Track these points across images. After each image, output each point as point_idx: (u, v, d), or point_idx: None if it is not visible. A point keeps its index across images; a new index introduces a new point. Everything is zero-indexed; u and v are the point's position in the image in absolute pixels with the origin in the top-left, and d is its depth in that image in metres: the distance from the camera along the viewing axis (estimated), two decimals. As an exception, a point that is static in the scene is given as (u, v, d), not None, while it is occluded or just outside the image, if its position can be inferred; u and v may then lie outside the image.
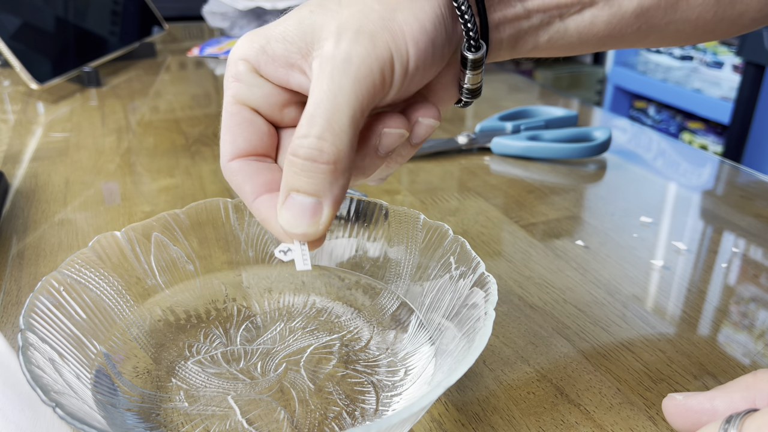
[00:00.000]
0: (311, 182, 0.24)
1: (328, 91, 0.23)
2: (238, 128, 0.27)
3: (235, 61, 0.26)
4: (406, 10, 0.24)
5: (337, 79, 0.23)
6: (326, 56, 0.24)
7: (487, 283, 0.28)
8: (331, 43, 0.24)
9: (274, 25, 0.26)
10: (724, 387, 0.22)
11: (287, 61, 0.25)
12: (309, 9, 0.25)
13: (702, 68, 1.86)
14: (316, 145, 0.23)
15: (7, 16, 0.74)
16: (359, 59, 0.23)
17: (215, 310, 0.34)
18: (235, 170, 0.27)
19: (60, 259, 0.40)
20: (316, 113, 0.23)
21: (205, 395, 0.28)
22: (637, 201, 0.50)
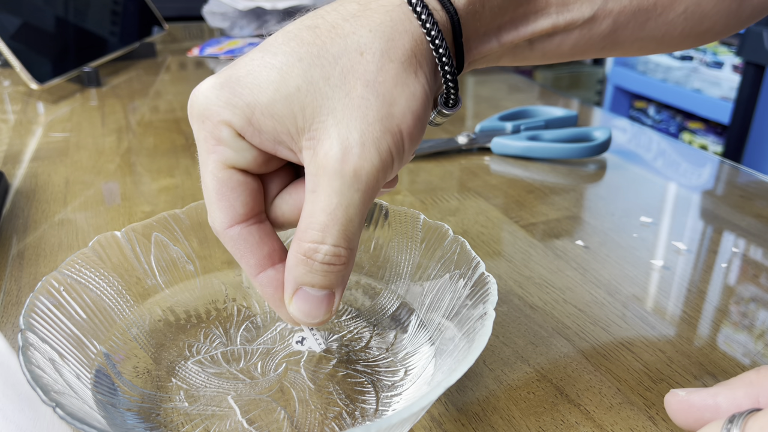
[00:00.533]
0: (327, 280, 0.25)
1: (339, 206, 0.24)
2: (233, 194, 0.25)
3: (216, 124, 0.25)
4: (401, 101, 0.24)
5: (348, 196, 0.24)
6: (331, 170, 0.23)
7: (487, 283, 0.28)
8: (334, 156, 0.23)
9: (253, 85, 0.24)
10: (727, 383, 0.22)
11: (275, 138, 0.25)
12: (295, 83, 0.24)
13: (702, 68, 1.86)
14: (334, 252, 0.24)
15: (7, 16, 0.74)
16: (367, 176, 0.24)
17: (215, 310, 0.34)
18: (236, 238, 0.26)
19: (60, 259, 0.40)
20: (329, 224, 0.24)
21: (205, 395, 0.28)
22: (637, 201, 0.50)
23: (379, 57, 0.24)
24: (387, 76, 0.24)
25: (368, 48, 0.24)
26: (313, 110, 0.24)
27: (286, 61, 0.24)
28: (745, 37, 1.31)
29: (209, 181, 0.26)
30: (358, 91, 0.24)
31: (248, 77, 0.24)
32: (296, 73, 0.24)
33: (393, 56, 0.24)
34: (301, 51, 0.24)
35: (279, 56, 0.24)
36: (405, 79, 0.24)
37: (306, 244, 0.24)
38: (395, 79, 0.24)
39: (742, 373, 0.22)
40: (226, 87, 0.24)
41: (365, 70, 0.24)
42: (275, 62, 0.24)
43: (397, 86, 0.24)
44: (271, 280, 0.27)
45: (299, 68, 0.24)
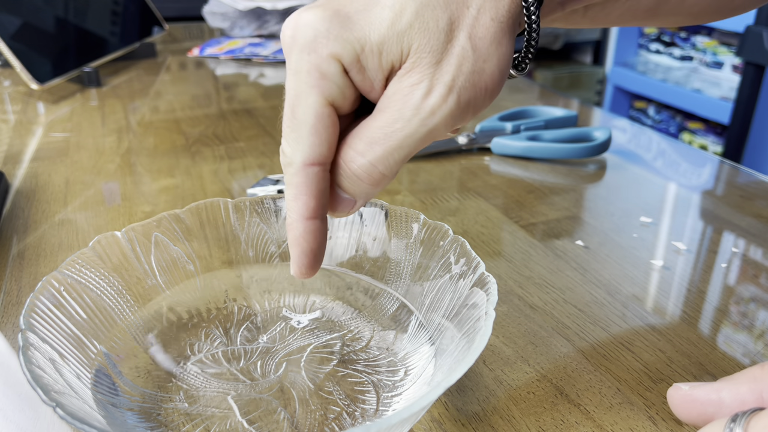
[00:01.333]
0: (352, 189, 0.26)
1: (399, 130, 0.24)
2: (326, 132, 0.25)
3: (325, 57, 0.24)
4: (493, 60, 0.25)
5: (412, 126, 0.24)
6: (412, 99, 0.24)
7: (487, 283, 0.28)
8: (421, 89, 0.24)
9: (365, 22, 0.24)
10: (731, 378, 0.22)
11: (375, 76, 0.25)
12: (408, 21, 0.24)
13: (702, 68, 1.86)
14: (368, 169, 0.25)
15: (8, 17, 0.74)
16: (440, 117, 0.24)
17: (215, 310, 0.34)
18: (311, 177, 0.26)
19: (60, 259, 0.40)
20: (379, 141, 0.25)
21: (206, 395, 0.28)
22: (637, 201, 0.50)
23: (483, 13, 0.25)
24: (487, 33, 0.25)
25: (474, 2, 0.25)
26: (418, 46, 0.24)
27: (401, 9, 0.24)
28: (745, 37, 1.31)
29: (306, 114, 0.25)
30: (460, 41, 0.24)
31: (358, 14, 0.24)
32: (409, 11, 0.24)
33: (494, 14, 0.25)
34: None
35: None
36: (501, 38, 0.25)
37: (349, 150, 0.25)
38: (493, 37, 0.25)
39: (746, 369, 0.22)
40: (335, 20, 0.24)
41: (470, 23, 0.24)
42: (387, 1, 0.24)
43: (493, 44, 0.25)
44: (318, 230, 0.27)
45: (412, 6, 0.24)
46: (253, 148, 0.60)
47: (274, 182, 0.50)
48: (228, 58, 0.96)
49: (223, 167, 0.55)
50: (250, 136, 0.63)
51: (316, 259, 0.28)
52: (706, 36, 1.84)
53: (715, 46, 1.81)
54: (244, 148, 0.60)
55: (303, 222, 0.27)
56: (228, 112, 0.71)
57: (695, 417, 0.22)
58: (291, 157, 0.26)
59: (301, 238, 0.27)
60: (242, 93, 0.79)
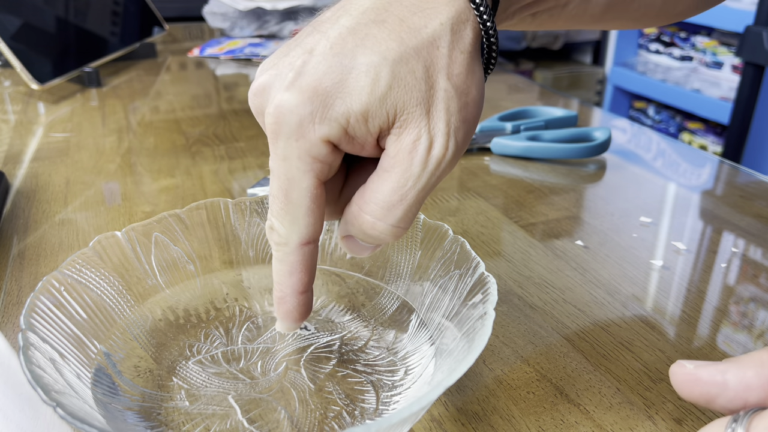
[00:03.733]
0: (375, 242, 0.27)
1: (412, 189, 0.25)
2: (319, 210, 0.26)
3: (314, 142, 0.24)
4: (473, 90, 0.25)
5: (423, 181, 0.25)
6: (416, 156, 0.25)
7: (487, 283, 0.28)
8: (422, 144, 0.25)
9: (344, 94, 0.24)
10: (737, 360, 0.21)
11: (365, 139, 0.25)
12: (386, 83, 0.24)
13: (701, 69, 1.86)
14: (390, 231, 0.26)
15: (8, 17, 0.74)
16: (446, 164, 0.25)
17: (215, 310, 0.34)
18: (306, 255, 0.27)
19: (60, 259, 0.40)
20: (396, 204, 0.25)
21: (206, 394, 0.28)
22: (636, 201, 0.50)
23: (452, 49, 0.25)
24: (461, 68, 0.25)
25: (441, 41, 0.25)
26: (404, 103, 0.24)
27: (370, 62, 0.24)
28: (744, 37, 1.31)
29: (302, 197, 0.26)
30: (441, 84, 0.25)
31: (335, 87, 0.24)
32: (385, 73, 0.24)
33: (462, 47, 0.25)
34: (382, 49, 0.24)
35: (360, 58, 0.24)
36: (473, 66, 0.26)
37: (367, 216, 0.26)
38: (467, 69, 0.25)
39: (752, 352, 0.21)
40: (316, 101, 0.24)
41: (444, 64, 0.25)
42: (359, 66, 0.24)
43: (469, 76, 0.25)
44: (309, 301, 0.29)
45: (386, 67, 0.24)
46: (253, 148, 0.60)
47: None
48: (228, 58, 0.96)
49: (224, 167, 0.55)
50: (251, 136, 0.63)
51: (303, 320, 0.29)
52: (706, 36, 1.84)
53: (715, 46, 1.81)
54: (244, 148, 0.60)
55: (296, 297, 0.28)
56: (228, 112, 0.71)
57: (697, 396, 0.22)
58: (286, 238, 0.27)
59: (294, 310, 0.28)
60: (242, 93, 0.79)
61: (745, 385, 0.20)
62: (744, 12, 1.54)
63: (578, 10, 0.32)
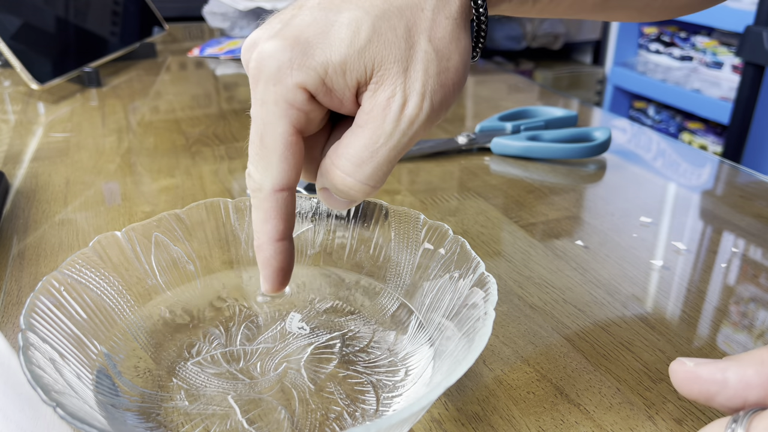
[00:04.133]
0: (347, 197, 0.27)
1: (383, 146, 0.25)
2: (294, 158, 0.26)
3: (290, 87, 0.25)
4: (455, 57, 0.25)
5: (395, 139, 0.25)
6: (390, 113, 0.25)
7: (487, 283, 0.28)
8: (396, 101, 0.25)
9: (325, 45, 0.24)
10: (738, 358, 0.21)
11: (343, 93, 0.25)
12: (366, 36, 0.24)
13: (701, 68, 1.86)
14: (359, 188, 0.26)
15: (8, 17, 0.74)
16: (419, 124, 0.25)
17: (215, 310, 0.34)
18: (280, 202, 0.27)
19: (60, 259, 0.40)
20: (366, 160, 0.25)
21: (206, 395, 0.28)
22: (636, 201, 0.50)
23: (437, 13, 0.25)
24: (445, 32, 0.25)
25: (427, 3, 0.25)
26: (383, 59, 0.25)
27: (353, 16, 0.25)
28: (744, 37, 1.31)
29: (275, 142, 0.26)
30: (421, 45, 0.25)
31: (317, 38, 0.25)
32: (366, 26, 0.24)
33: (448, 13, 0.25)
34: (366, 5, 0.25)
35: (344, 12, 0.25)
36: (458, 34, 0.25)
37: (336, 170, 0.26)
38: (451, 35, 0.25)
39: (752, 350, 0.21)
40: (297, 48, 0.24)
41: (427, 26, 0.25)
42: (342, 19, 0.25)
43: (452, 42, 0.25)
44: (287, 249, 0.28)
45: (367, 21, 0.24)
46: (253, 148, 0.60)
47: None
48: (228, 58, 0.96)
49: (223, 167, 0.55)
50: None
51: (285, 276, 0.29)
52: (706, 36, 1.84)
53: (715, 46, 1.81)
54: (244, 148, 0.60)
55: (273, 244, 0.28)
56: (228, 112, 0.71)
57: (696, 394, 0.22)
58: (260, 183, 0.27)
59: (272, 258, 0.28)
60: (242, 93, 0.79)
61: (745, 383, 0.20)
62: (744, 12, 1.54)
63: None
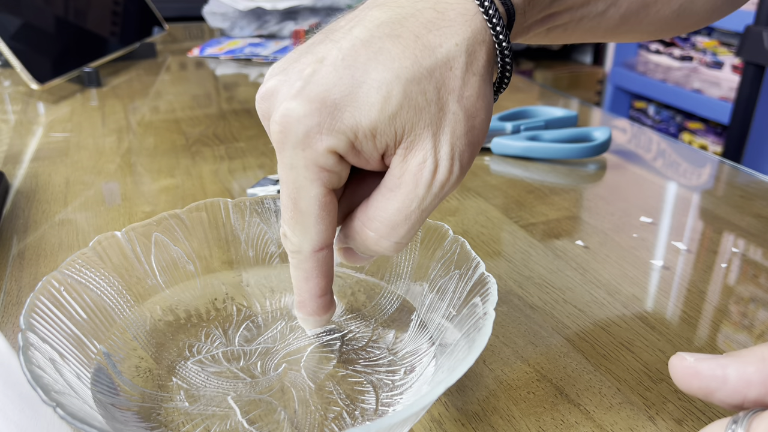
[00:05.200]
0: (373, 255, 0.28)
1: (416, 210, 0.26)
2: (330, 217, 0.26)
3: (321, 152, 0.24)
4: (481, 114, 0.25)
5: (427, 202, 0.26)
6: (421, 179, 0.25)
7: (487, 283, 0.28)
8: (428, 167, 0.25)
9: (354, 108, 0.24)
10: (738, 355, 0.21)
11: (371, 155, 0.25)
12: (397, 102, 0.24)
13: (701, 69, 1.86)
14: (393, 248, 0.27)
15: (8, 16, 0.74)
16: (449, 187, 0.26)
17: (215, 310, 0.34)
18: (321, 261, 0.28)
19: (60, 259, 0.40)
20: (400, 224, 0.26)
21: (206, 395, 0.28)
22: (637, 201, 0.50)
23: (465, 71, 0.25)
24: (472, 91, 0.25)
25: (456, 62, 0.25)
26: (413, 124, 0.24)
27: (382, 79, 0.24)
28: (745, 37, 1.31)
29: (310, 205, 0.26)
30: (450, 106, 0.25)
31: (345, 99, 0.24)
32: (397, 92, 0.24)
33: (475, 70, 0.25)
34: (395, 66, 0.24)
35: (372, 73, 0.24)
36: (484, 90, 0.25)
37: (369, 233, 0.26)
38: (478, 92, 0.25)
39: (753, 347, 0.21)
40: (324, 112, 0.24)
41: (456, 86, 0.25)
42: (371, 81, 0.24)
43: (479, 99, 0.25)
44: (330, 302, 0.30)
45: (398, 86, 0.24)
46: (253, 148, 0.60)
47: (274, 182, 0.50)
48: (228, 58, 0.96)
49: (223, 167, 0.55)
50: (250, 136, 0.63)
51: (328, 322, 0.31)
52: (706, 36, 1.84)
53: (715, 46, 1.81)
54: (244, 148, 0.60)
55: (315, 300, 0.29)
56: (228, 112, 0.71)
57: (696, 390, 0.22)
58: (299, 246, 0.27)
59: (316, 314, 0.29)
60: (242, 93, 0.79)
61: (745, 380, 0.20)
62: (744, 12, 1.54)
63: (592, 24, 0.32)
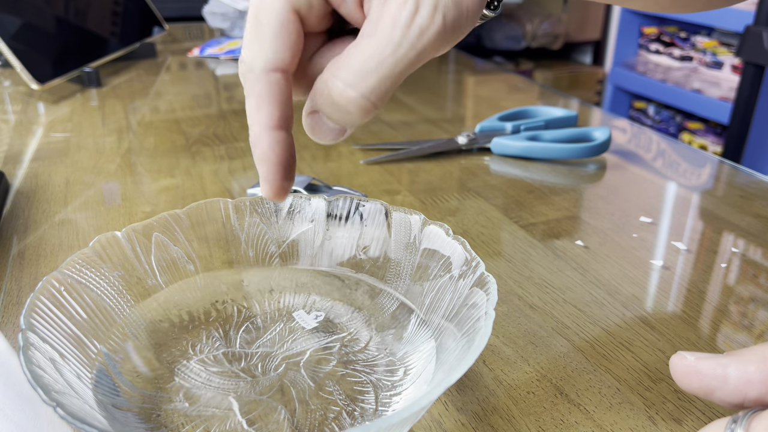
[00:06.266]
0: (342, 120, 0.25)
1: (390, 56, 0.23)
2: (289, 37, 0.24)
3: None
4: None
5: (403, 50, 0.23)
6: (400, 20, 0.23)
7: (487, 283, 0.28)
8: (408, 9, 0.23)
9: None
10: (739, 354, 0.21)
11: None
12: None
13: (701, 68, 1.86)
14: (359, 102, 0.24)
15: (8, 17, 0.74)
16: (429, 37, 0.23)
17: (215, 311, 0.34)
18: (273, 84, 0.25)
19: (60, 259, 0.40)
20: (370, 71, 0.23)
21: (206, 395, 0.28)
22: (636, 201, 0.50)
23: None
24: None
25: None
26: None
27: None
28: (744, 37, 1.31)
29: (269, 18, 0.24)
30: None
31: None
32: None
33: None
34: None
35: None
36: None
37: (338, 82, 0.24)
38: None
39: (754, 346, 0.21)
40: None
41: None
42: None
43: None
44: (286, 141, 0.26)
45: None
46: (253, 148, 0.60)
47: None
48: (228, 58, 0.96)
49: (223, 167, 0.55)
50: (250, 136, 0.63)
51: (287, 175, 0.26)
52: (706, 36, 1.84)
53: (715, 46, 1.81)
54: (244, 148, 0.60)
55: (269, 132, 0.25)
56: (228, 112, 0.71)
57: (696, 389, 0.22)
58: (251, 63, 0.24)
59: (269, 150, 0.25)
60: (242, 93, 0.79)
61: (746, 380, 0.20)
62: (744, 12, 1.54)
63: None
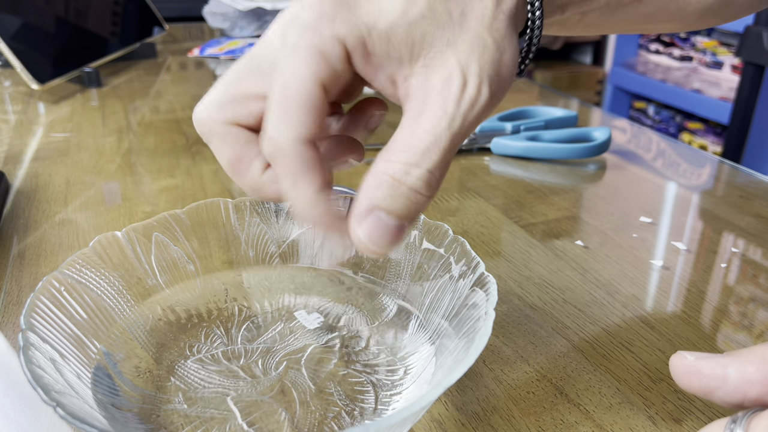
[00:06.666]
0: (406, 209, 0.23)
1: (447, 129, 0.23)
2: (315, 112, 0.23)
3: (328, 38, 0.23)
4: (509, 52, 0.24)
5: (458, 122, 0.23)
6: (449, 94, 0.23)
7: (487, 283, 0.28)
8: (455, 82, 0.23)
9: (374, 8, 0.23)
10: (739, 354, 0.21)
11: (381, 64, 0.24)
12: (419, 11, 0.23)
13: (701, 69, 1.86)
14: (427, 178, 0.23)
15: (8, 17, 0.74)
16: (479, 108, 0.24)
17: (216, 310, 0.34)
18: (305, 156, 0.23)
19: (61, 259, 0.40)
20: (431, 147, 0.23)
21: (206, 396, 0.28)
22: (636, 201, 0.50)
23: (495, 7, 0.24)
24: (500, 26, 0.24)
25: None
26: (433, 39, 0.23)
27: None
28: (744, 37, 1.31)
29: (296, 91, 0.23)
30: (477, 32, 0.24)
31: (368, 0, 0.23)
32: (421, 2, 0.23)
33: (504, 8, 0.24)
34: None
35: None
36: (511, 33, 0.25)
37: (397, 165, 0.23)
38: (505, 30, 0.24)
39: (753, 346, 0.21)
40: (343, 3, 0.23)
41: (483, 15, 0.24)
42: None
43: (506, 38, 0.24)
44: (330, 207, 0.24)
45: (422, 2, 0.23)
46: (253, 148, 0.60)
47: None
48: (228, 58, 0.96)
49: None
50: (250, 136, 0.63)
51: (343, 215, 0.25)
52: (706, 36, 1.84)
53: (715, 46, 1.81)
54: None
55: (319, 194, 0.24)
56: (228, 112, 0.71)
57: (696, 388, 0.22)
58: (279, 140, 0.23)
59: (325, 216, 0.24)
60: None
61: (745, 380, 0.20)
62: (744, 12, 1.54)
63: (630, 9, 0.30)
